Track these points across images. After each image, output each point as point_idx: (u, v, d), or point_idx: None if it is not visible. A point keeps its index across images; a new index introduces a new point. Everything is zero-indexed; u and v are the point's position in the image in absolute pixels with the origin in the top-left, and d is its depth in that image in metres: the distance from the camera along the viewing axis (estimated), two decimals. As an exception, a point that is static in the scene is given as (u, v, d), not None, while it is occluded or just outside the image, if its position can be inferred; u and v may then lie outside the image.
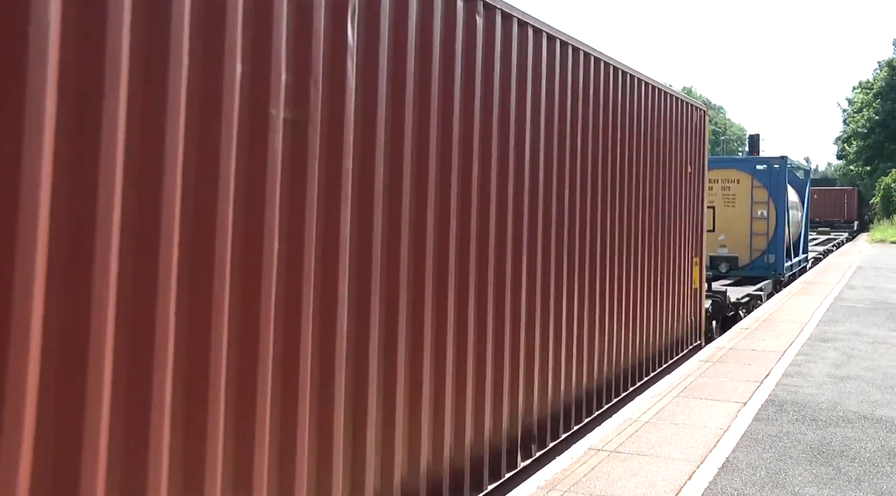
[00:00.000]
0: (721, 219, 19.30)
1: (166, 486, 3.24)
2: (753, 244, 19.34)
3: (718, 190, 19.41)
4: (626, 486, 5.72)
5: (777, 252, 19.29)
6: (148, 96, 3.19)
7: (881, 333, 12.96)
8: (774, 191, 19.31)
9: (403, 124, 4.83)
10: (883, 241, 45.87)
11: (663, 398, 8.36)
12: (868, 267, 27.29)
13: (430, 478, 5.18)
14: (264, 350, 3.73)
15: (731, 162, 20.63)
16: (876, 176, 64.89)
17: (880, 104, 69.63)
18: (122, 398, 3.09)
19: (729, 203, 19.45)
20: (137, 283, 3.14)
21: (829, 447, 6.77)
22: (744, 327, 13.31)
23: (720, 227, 19.28)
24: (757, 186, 19.34)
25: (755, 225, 19.33)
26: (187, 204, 3.37)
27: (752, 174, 19.35)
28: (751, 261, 19.37)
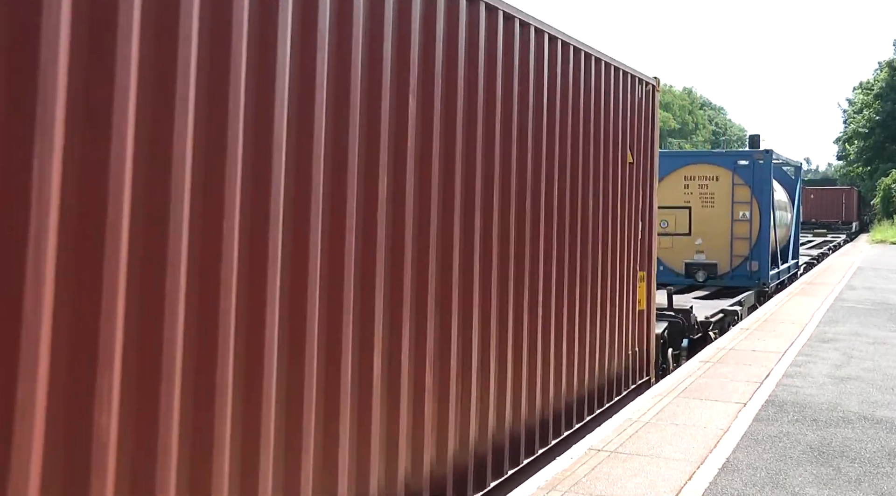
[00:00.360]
0: (698, 221, 17.41)
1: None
2: (734, 249, 17.32)
3: (695, 188, 17.46)
4: (626, 487, 5.72)
5: (761, 258, 17.26)
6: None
7: (881, 334, 12.96)
8: (758, 189, 17.21)
9: None
10: (883, 241, 45.86)
11: (663, 398, 8.36)
12: (868, 267, 27.28)
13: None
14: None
15: (708, 156, 18.59)
16: (876, 176, 64.84)
17: (881, 105, 69.62)
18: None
19: (706, 203, 17.44)
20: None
21: (829, 448, 6.77)
22: (744, 328, 13.31)
23: (697, 230, 17.42)
24: (738, 184, 17.28)
25: (736, 228, 17.34)
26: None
27: (733, 170, 17.32)
28: (731, 268, 17.38)
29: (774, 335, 12.53)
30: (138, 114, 3.11)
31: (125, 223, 3.04)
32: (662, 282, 15.59)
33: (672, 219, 17.34)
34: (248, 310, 3.68)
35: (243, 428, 3.65)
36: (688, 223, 17.43)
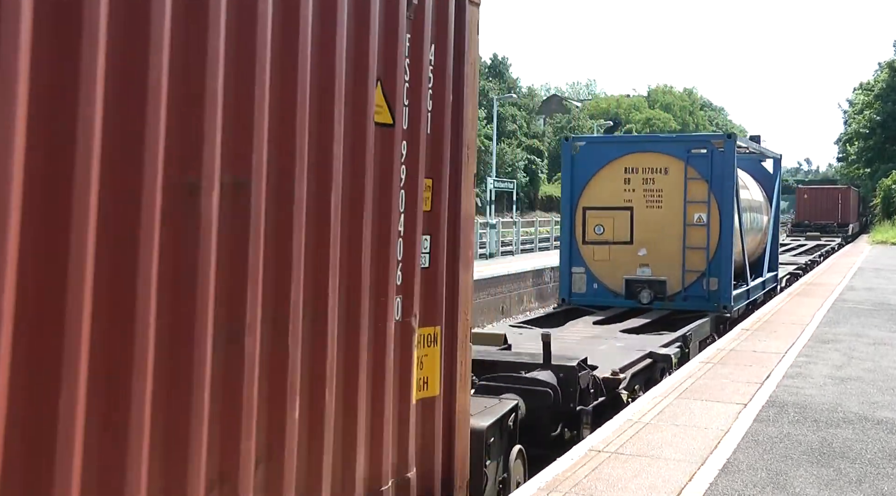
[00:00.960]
0: (642, 225, 13.83)
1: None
2: (688, 263, 13.64)
3: (638, 183, 13.89)
4: (626, 488, 5.72)
5: (722, 274, 13.55)
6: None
7: (882, 335, 12.95)
8: (718, 184, 13.53)
9: None
10: (884, 242, 45.82)
11: (664, 399, 8.35)
12: (869, 268, 27.27)
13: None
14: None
15: (654, 142, 14.98)
16: (877, 177, 64.77)
17: (881, 105, 69.61)
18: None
19: (653, 202, 13.82)
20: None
21: (830, 448, 6.76)
22: (744, 329, 13.30)
23: (641, 238, 13.85)
24: (693, 178, 13.60)
25: (691, 234, 13.62)
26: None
27: (686, 160, 13.60)
28: (684, 287, 13.65)
29: (775, 336, 12.53)
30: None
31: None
32: (595, 305, 13.78)
33: (608, 223, 14.00)
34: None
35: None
36: (629, 228, 13.92)
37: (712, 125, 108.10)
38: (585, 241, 14.15)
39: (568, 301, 14.27)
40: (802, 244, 40.35)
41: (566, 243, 14.32)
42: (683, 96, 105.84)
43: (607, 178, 13.98)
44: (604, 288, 14.07)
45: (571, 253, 14.25)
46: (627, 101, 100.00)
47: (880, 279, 23.19)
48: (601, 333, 11.60)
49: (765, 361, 10.43)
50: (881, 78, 71.96)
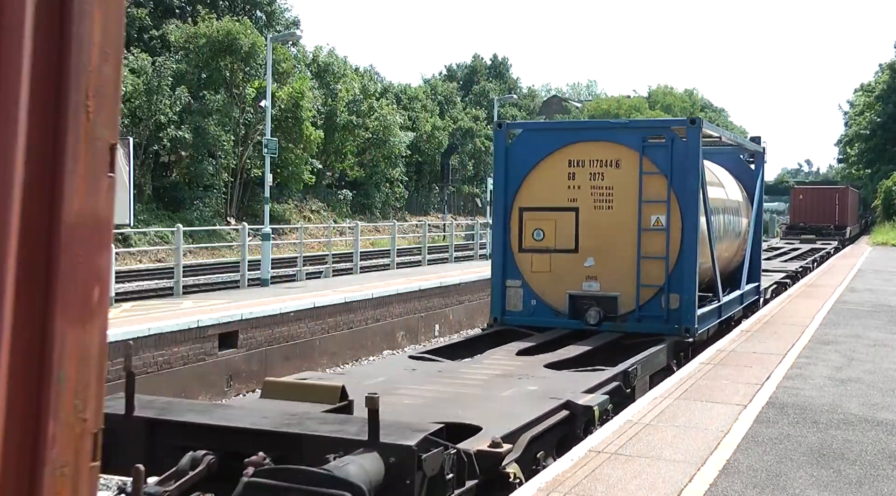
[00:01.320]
0: (589, 229, 11.57)
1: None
2: (643, 275, 11.39)
3: (584, 178, 11.54)
4: (626, 489, 5.72)
5: (684, 289, 11.29)
6: None
7: (882, 336, 12.95)
8: (681, 180, 11.24)
9: None
10: (884, 244, 45.83)
11: (664, 400, 8.35)
12: (869, 270, 27.27)
13: None
14: None
15: (604, 129, 12.45)
16: (877, 178, 64.79)
17: (881, 107, 69.67)
18: None
19: (602, 202, 11.55)
20: None
21: (829, 449, 6.76)
22: (744, 330, 13.30)
23: (588, 245, 11.59)
24: (650, 173, 11.32)
25: (647, 241, 11.35)
26: None
27: (642, 151, 11.34)
28: (638, 305, 11.43)
29: (775, 337, 12.53)
30: None
31: None
32: (533, 326, 11.65)
33: (549, 226, 11.73)
34: None
35: None
36: (573, 233, 11.61)
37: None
38: (522, 248, 11.88)
39: (500, 321, 11.98)
40: (796, 248, 37.95)
41: (499, 251, 12.01)
42: (684, 97, 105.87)
43: (548, 172, 11.70)
44: (544, 305, 11.80)
45: (505, 263, 11.97)
46: (628, 101, 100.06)
47: (880, 280, 23.20)
48: (518, 369, 9.13)
49: (765, 362, 10.44)
50: (882, 79, 72.02)
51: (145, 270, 27.73)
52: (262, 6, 51.44)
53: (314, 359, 16.17)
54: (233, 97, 41.58)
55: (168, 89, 37.40)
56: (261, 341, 14.84)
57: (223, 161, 40.73)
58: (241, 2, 50.28)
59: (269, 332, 15.08)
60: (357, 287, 19.18)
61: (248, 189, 43.81)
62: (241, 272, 20.28)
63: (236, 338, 14.29)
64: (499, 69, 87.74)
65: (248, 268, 20.31)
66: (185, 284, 19.45)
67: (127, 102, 35.05)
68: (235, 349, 14.24)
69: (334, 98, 49.94)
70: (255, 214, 40.01)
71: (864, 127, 71.53)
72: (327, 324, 16.67)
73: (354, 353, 17.36)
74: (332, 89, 50.23)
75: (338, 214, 50.59)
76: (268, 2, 51.80)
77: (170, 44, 42.58)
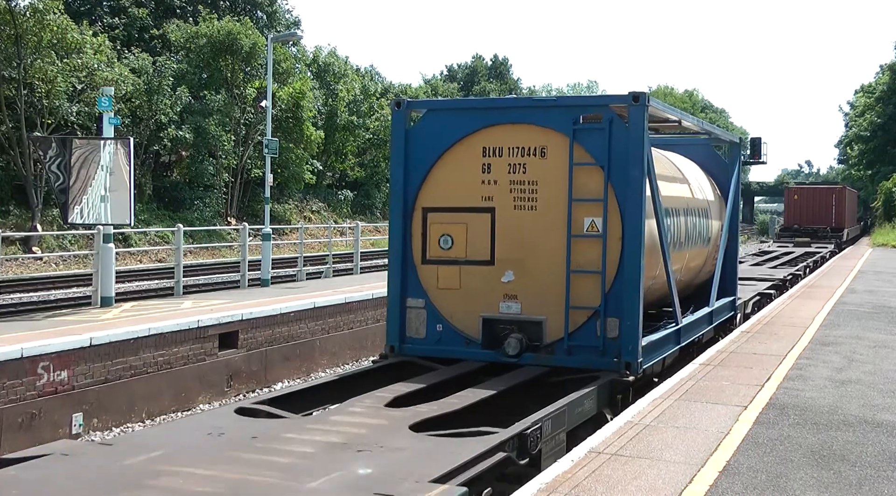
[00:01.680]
0: (508, 235, 9.35)
1: None
2: (574, 294, 9.13)
3: (502, 171, 9.36)
4: (626, 489, 5.72)
5: (625, 312, 8.98)
6: None
7: (882, 337, 12.95)
8: (621, 172, 9.01)
9: None
10: (884, 245, 45.82)
11: (664, 401, 8.36)
12: (869, 271, 27.28)
13: None
14: None
15: (526, 108, 9.76)
16: (878, 179, 64.80)
17: (882, 108, 69.63)
18: None
19: (524, 200, 9.31)
20: None
21: (830, 451, 6.77)
22: (745, 331, 13.30)
23: (506, 256, 9.35)
24: (583, 164, 9.09)
25: (579, 250, 9.12)
26: None
27: (573, 136, 9.13)
28: (568, 332, 9.14)
29: (776, 338, 12.53)
30: None
31: None
32: (440, 357, 9.50)
33: (459, 232, 9.51)
34: None
35: None
36: (489, 241, 9.37)
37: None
38: (426, 258, 9.64)
39: (398, 350, 9.72)
40: (789, 252, 35.74)
41: (396, 262, 9.75)
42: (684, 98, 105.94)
43: (458, 163, 9.51)
44: (452, 330, 9.55)
45: (405, 277, 9.73)
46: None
47: (881, 282, 23.20)
48: (372, 432, 6.83)
49: (765, 363, 10.44)
50: (882, 80, 71.99)
51: (145, 270, 27.73)
52: (263, 6, 51.46)
53: (314, 359, 16.16)
54: (233, 97, 41.60)
55: (169, 89, 37.43)
56: (261, 341, 14.84)
57: (224, 161, 40.75)
58: (241, 2, 50.30)
59: (270, 333, 15.08)
60: (357, 287, 19.17)
61: (248, 189, 43.82)
62: (241, 272, 20.26)
63: (237, 339, 14.29)
64: (499, 69, 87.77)
65: (248, 269, 20.29)
66: (185, 284, 19.44)
67: (127, 102, 35.08)
68: (236, 349, 14.24)
69: (335, 98, 49.97)
70: (256, 214, 40.03)
71: (864, 128, 71.49)
72: (328, 324, 16.67)
73: (355, 354, 17.33)
74: (333, 89, 50.26)
75: (338, 214, 50.61)
76: (269, 2, 51.82)
77: (170, 44, 42.61)
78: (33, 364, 10.76)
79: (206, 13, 43.48)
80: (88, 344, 11.49)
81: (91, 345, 11.53)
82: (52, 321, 13.46)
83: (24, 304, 19.14)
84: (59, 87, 31.49)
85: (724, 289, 13.59)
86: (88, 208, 15.11)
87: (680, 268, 11.48)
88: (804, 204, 49.39)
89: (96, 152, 15.04)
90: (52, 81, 31.12)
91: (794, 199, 51.06)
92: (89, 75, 32.47)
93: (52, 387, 10.96)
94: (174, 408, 12.80)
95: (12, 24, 30.12)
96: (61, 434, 11.00)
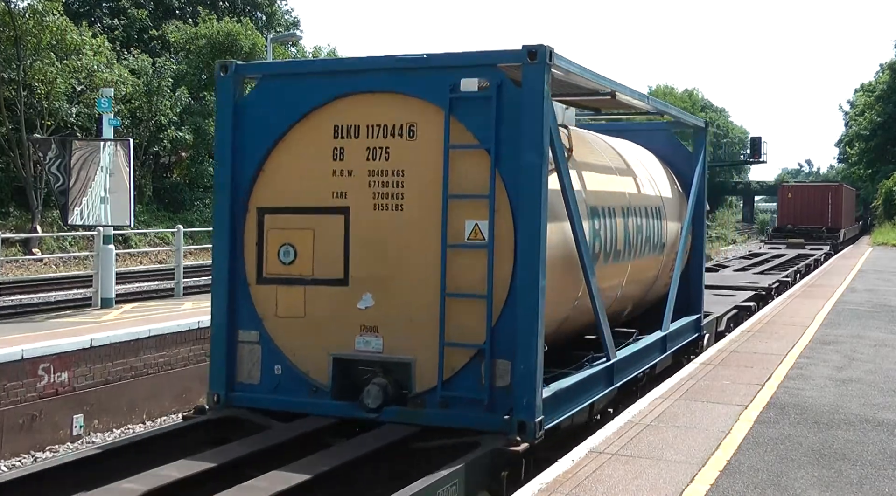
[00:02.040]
0: (366, 246, 7.07)
1: None
2: (451, 327, 6.73)
3: (358, 157, 7.08)
4: (627, 489, 5.72)
5: (519, 353, 6.54)
6: None
7: (883, 336, 12.95)
8: (513, 158, 6.60)
9: None
10: (885, 244, 45.82)
11: (665, 401, 8.36)
12: (870, 270, 27.28)
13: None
14: None
15: (389, 70, 7.07)
16: (878, 179, 64.83)
17: (882, 107, 69.68)
18: None
19: (386, 195, 7.01)
20: None
21: (831, 450, 6.77)
22: (745, 330, 13.30)
23: (364, 272, 7.07)
24: (462, 147, 6.75)
25: (458, 265, 6.74)
26: None
27: (449, 108, 6.75)
28: (444, 378, 6.74)
29: (776, 337, 12.53)
30: None
31: None
32: (280, 410, 7.10)
33: (304, 240, 7.27)
34: None
35: None
36: (341, 252, 7.12)
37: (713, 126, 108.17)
38: (263, 276, 7.32)
39: (224, 401, 7.30)
40: (781, 254, 32.97)
41: (222, 282, 7.41)
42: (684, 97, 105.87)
43: (303, 147, 7.23)
44: (295, 374, 7.19)
45: (234, 301, 7.40)
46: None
47: (881, 281, 23.20)
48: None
49: (766, 363, 10.44)
50: (882, 79, 72.04)
51: (146, 271, 27.72)
52: (263, 7, 51.47)
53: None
54: (233, 98, 41.57)
55: (168, 90, 37.43)
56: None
57: (224, 162, 40.69)
58: (241, 2, 50.31)
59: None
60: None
61: (248, 190, 43.76)
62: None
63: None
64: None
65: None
66: (185, 285, 19.42)
67: (127, 103, 35.10)
68: (236, 350, 14.25)
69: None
70: (256, 215, 39.93)
71: (864, 127, 71.54)
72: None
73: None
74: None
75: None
76: (268, 3, 51.82)
77: (170, 44, 42.62)
78: (34, 365, 10.76)
79: (205, 14, 43.51)
80: (89, 345, 11.49)
81: (92, 346, 11.53)
82: (53, 322, 13.46)
83: (24, 306, 19.13)
84: (59, 89, 31.53)
85: (685, 306, 11.08)
86: (88, 209, 15.12)
87: (619, 285, 9.12)
88: (798, 203, 46.96)
89: (96, 153, 15.05)
90: (52, 83, 31.15)
91: (787, 197, 48.54)
92: (89, 76, 32.50)
93: (52, 389, 10.96)
94: (175, 409, 12.81)
95: (11, 26, 30.13)
96: (62, 436, 11.01)
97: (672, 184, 11.45)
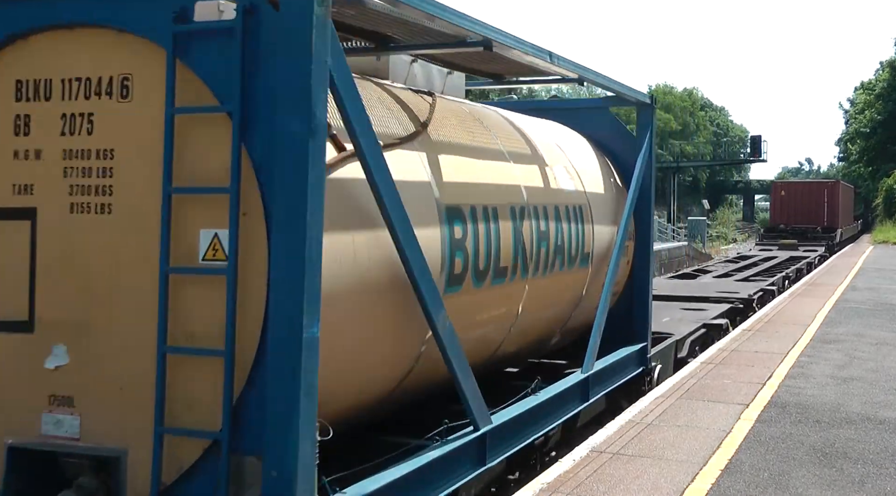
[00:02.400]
0: (60, 264, 4.35)
1: None
2: (174, 401, 4.11)
3: (49, 127, 4.38)
4: (628, 489, 5.72)
5: (274, 446, 3.89)
6: None
7: (884, 335, 12.94)
8: (267, 124, 3.99)
9: None
10: (885, 242, 45.81)
11: (666, 400, 8.35)
12: (870, 268, 27.27)
13: None
14: None
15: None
16: (878, 177, 64.81)
17: (882, 105, 69.64)
18: None
19: (88, 190, 4.29)
20: None
21: (832, 448, 6.76)
22: (746, 329, 13.29)
23: (57, 312, 4.34)
24: (194, 113, 4.12)
25: (189, 300, 4.12)
26: None
27: (173, 46, 4.08)
28: (159, 484, 4.06)
29: (777, 336, 12.52)
30: None
31: None
32: None
33: None
34: None
35: None
36: (26, 279, 4.41)
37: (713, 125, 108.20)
38: None
39: None
40: (771, 257, 30.21)
41: None
42: (684, 96, 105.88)
43: None
44: None
45: None
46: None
47: (882, 279, 23.19)
48: None
49: (767, 362, 10.43)
50: (882, 77, 71.99)
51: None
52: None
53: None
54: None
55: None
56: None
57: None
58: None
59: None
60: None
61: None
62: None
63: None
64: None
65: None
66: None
67: (127, 105, 35.07)
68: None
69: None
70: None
71: (864, 125, 71.48)
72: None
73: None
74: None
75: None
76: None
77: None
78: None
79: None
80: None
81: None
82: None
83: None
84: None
85: (623, 334, 8.89)
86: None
87: (512, 314, 6.76)
88: (792, 201, 43.51)
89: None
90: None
91: (780, 195, 44.88)
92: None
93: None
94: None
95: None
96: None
97: (607, 176, 9.05)
